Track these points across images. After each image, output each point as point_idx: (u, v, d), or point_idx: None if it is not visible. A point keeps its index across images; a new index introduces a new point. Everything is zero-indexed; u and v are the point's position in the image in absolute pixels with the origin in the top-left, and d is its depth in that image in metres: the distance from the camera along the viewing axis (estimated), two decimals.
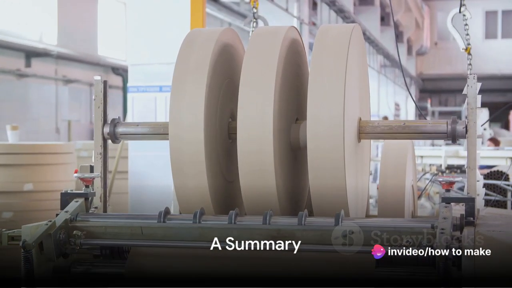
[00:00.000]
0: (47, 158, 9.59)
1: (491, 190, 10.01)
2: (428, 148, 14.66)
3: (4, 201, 9.22)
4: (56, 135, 17.73)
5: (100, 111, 3.93)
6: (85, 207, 3.73)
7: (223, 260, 3.45)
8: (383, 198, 4.25)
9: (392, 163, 4.32)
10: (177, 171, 3.73)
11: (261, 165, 3.59)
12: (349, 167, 3.62)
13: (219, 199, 3.83)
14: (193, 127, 3.67)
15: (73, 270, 3.62)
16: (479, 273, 3.09)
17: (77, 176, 3.80)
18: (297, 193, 4.01)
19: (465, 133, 3.59)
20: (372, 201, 10.91)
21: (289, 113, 3.83)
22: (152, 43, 9.68)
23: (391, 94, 31.59)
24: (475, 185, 3.52)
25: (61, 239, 3.48)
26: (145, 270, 3.49)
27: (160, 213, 3.53)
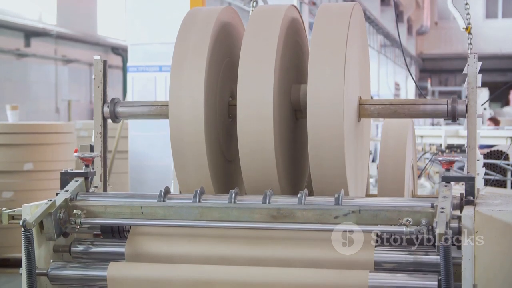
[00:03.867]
0: (47, 137, 9.61)
1: (491, 170, 10.03)
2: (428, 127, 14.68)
3: (4, 180, 9.24)
4: (56, 115, 17.74)
5: (100, 91, 3.92)
6: (85, 186, 3.73)
7: (223, 239, 3.45)
8: (383, 178, 4.25)
9: (392, 143, 4.32)
10: (177, 150, 3.73)
11: (261, 144, 3.59)
12: (349, 146, 3.62)
13: (219, 178, 3.83)
14: (193, 106, 3.66)
15: (73, 249, 3.63)
16: (479, 251, 3.10)
17: (77, 156, 3.80)
18: (297, 172, 4.01)
19: (465, 112, 3.59)
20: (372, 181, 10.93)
21: (288, 91, 3.82)
22: (151, 22, 9.67)
23: (391, 74, 31.58)
24: (475, 164, 3.52)
25: (61, 218, 3.49)
26: (145, 249, 3.50)
27: (160, 192, 3.53)
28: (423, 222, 3.15)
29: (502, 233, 3.12)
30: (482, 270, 3.09)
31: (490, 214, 3.14)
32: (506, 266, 3.11)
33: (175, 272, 3.34)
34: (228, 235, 3.45)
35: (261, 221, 3.37)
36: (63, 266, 3.53)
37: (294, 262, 3.33)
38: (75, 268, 3.53)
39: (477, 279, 3.08)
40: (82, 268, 3.53)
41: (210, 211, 3.42)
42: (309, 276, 3.22)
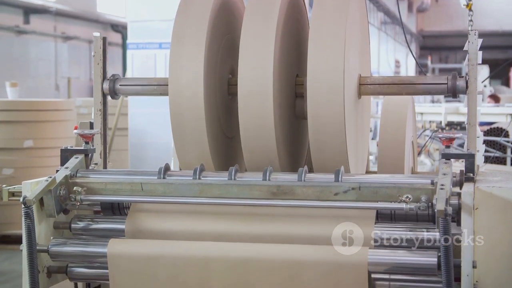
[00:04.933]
0: (47, 115, 9.60)
1: (490, 147, 10.03)
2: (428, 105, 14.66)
3: (4, 157, 9.25)
4: (56, 92, 17.74)
5: (99, 68, 3.92)
6: (85, 163, 3.74)
7: (222, 216, 3.46)
8: (383, 155, 4.25)
9: (392, 120, 4.32)
10: (177, 127, 3.73)
11: (261, 120, 3.58)
12: (349, 123, 3.61)
13: (219, 155, 3.83)
14: (193, 83, 3.66)
15: (74, 226, 3.64)
16: (479, 228, 3.10)
17: (77, 133, 3.80)
18: (297, 149, 4.01)
19: (466, 89, 3.59)
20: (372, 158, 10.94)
21: (289, 68, 3.82)
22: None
23: (391, 51, 31.52)
24: (475, 141, 3.52)
25: (61, 195, 3.49)
26: (145, 225, 3.50)
27: (160, 169, 3.54)
28: (423, 198, 3.15)
29: (502, 209, 3.12)
30: (482, 246, 3.10)
31: (490, 191, 3.14)
32: (506, 243, 3.12)
33: (175, 248, 3.35)
34: (228, 212, 3.46)
35: (261, 198, 3.38)
36: (64, 242, 3.54)
37: (294, 239, 3.34)
38: (76, 245, 3.54)
39: (477, 255, 3.09)
40: (82, 245, 3.54)
41: (210, 188, 3.42)
42: (309, 253, 3.23)
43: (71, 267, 3.60)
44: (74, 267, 3.60)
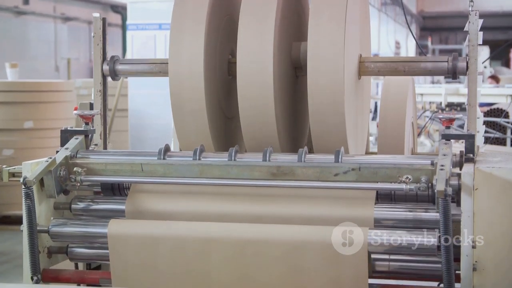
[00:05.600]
0: (47, 96, 9.59)
1: (490, 128, 10.03)
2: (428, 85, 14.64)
3: (4, 138, 9.24)
4: (56, 73, 17.71)
5: (99, 49, 3.91)
6: (85, 144, 3.74)
7: (222, 197, 3.46)
8: (383, 135, 4.24)
9: (392, 101, 4.31)
10: (177, 108, 3.73)
11: (261, 101, 3.58)
12: (349, 103, 3.61)
13: (219, 136, 3.83)
14: (193, 64, 3.65)
15: (74, 207, 3.64)
16: (478, 208, 3.11)
17: (77, 114, 3.80)
18: (297, 130, 4.01)
19: (466, 69, 3.58)
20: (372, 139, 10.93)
21: (289, 48, 3.81)
22: None
23: (391, 32, 31.45)
24: (475, 122, 3.52)
25: (62, 176, 3.49)
26: (145, 206, 3.51)
27: (160, 150, 3.54)
28: (423, 179, 3.15)
29: (502, 190, 3.12)
30: (481, 227, 3.11)
31: (490, 171, 3.14)
32: (505, 223, 3.12)
33: (175, 229, 3.35)
34: (228, 192, 3.46)
35: (261, 179, 3.38)
36: (64, 223, 3.54)
37: (294, 219, 3.35)
38: (76, 225, 3.54)
39: (476, 235, 3.10)
40: (82, 225, 3.54)
41: (210, 168, 3.43)
42: (308, 233, 3.23)
43: (72, 247, 3.61)
44: (74, 248, 3.61)
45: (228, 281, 3.29)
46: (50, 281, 3.53)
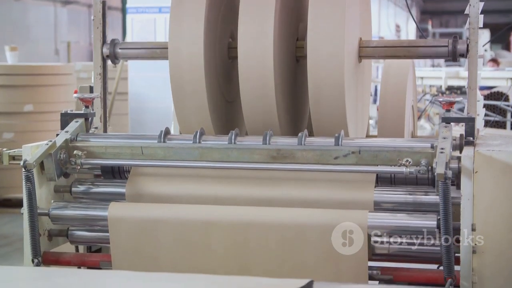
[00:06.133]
0: (47, 79, 9.59)
1: (491, 111, 10.04)
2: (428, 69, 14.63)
3: (4, 122, 9.25)
4: (55, 56, 17.69)
5: (99, 32, 3.91)
6: (85, 127, 3.73)
7: (223, 180, 3.47)
8: (383, 119, 4.24)
9: (392, 84, 4.31)
10: (177, 91, 3.73)
11: (261, 84, 3.58)
12: (349, 87, 3.61)
13: (219, 119, 3.83)
14: (193, 47, 3.65)
15: (74, 190, 3.65)
16: (478, 191, 3.11)
17: (77, 97, 3.80)
18: (298, 113, 4.01)
19: (466, 52, 3.58)
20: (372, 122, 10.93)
21: (289, 32, 3.80)
22: None
23: (391, 16, 31.39)
24: (475, 105, 3.52)
25: (62, 159, 3.50)
26: (146, 189, 3.51)
27: (160, 133, 3.54)
28: (422, 162, 3.15)
29: (502, 173, 3.13)
30: (481, 209, 3.11)
31: (490, 155, 3.14)
32: (505, 206, 3.13)
33: (175, 212, 3.36)
34: (228, 175, 3.47)
35: (261, 162, 3.38)
36: (64, 206, 3.55)
37: (294, 202, 3.35)
38: (76, 208, 3.55)
39: (476, 218, 3.10)
40: (83, 208, 3.55)
41: (210, 151, 3.43)
42: (308, 216, 3.24)
43: (72, 230, 3.61)
44: (75, 230, 3.61)
45: (228, 263, 3.30)
46: (50, 263, 3.54)
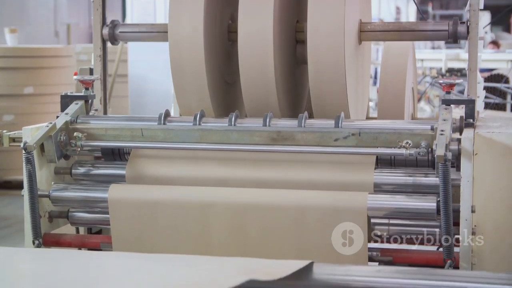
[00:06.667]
0: (47, 61, 9.58)
1: (491, 93, 10.03)
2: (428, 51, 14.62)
3: (4, 104, 9.25)
4: (55, 38, 17.64)
5: (98, 13, 3.90)
6: (85, 109, 3.73)
7: (222, 162, 3.47)
8: (383, 101, 4.24)
9: (392, 66, 4.30)
10: (177, 74, 3.72)
11: (261, 66, 3.58)
12: (349, 69, 3.61)
13: (219, 101, 3.83)
14: (193, 29, 3.64)
15: (74, 172, 3.65)
16: (478, 173, 3.12)
17: (77, 79, 3.79)
18: (298, 95, 4.01)
19: (467, 34, 3.57)
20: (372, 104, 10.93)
21: (289, 14, 3.80)
22: None
23: None
24: (475, 87, 3.51)
25: (62, 141, 3.50)
26: (146, 171, 3.52)
27: (160, 115, 3.54)
28: (422, 144, 3.16)
29: (501, 155, 3.13)
30: (481, 191, 3.12)
31: (490, 136, 3.15)
32: (505, 188, 3.13)
33: (175, 194, 3.37)
34: (228, 157, 3.47)
35: (261, 144, 3.39)
36: (65, 188, 3.56)
37: (294, 184, 3.36)
38: (77, 190, 3.56)
39: (476, 200, 3.11)
40: (83, 190, 3.56)
41: (210, 133, 3.43)
42: (308, 198, 3.25)
43: (72, 212, 3.62)
44: (75, 212, 3.62)
45: (228, 244, 3.31)
46: (51, 245, 3.55)
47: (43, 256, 2.61)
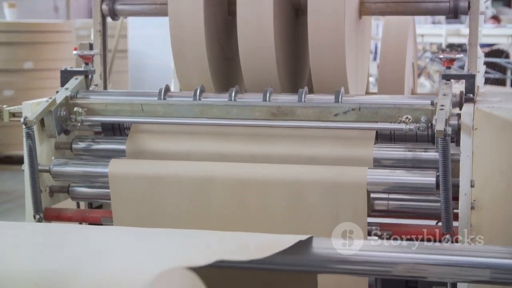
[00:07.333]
0: (47, 36, 9.57)
1: (491, 68, 10.02)
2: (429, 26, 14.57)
3: (4, 79, 9.24)
4: (54, 13, 17.58)
5: None
6: (85, 84, 3.73)
7: (223, 137, 3.47)
8: (383, 76, 4.24)
9: (392, 41, 4.30)
10: (177, 48, 3.72)
11: (261, 41, 3.57)
12: (349, 43, 3.60)
13: (219, 76, 3.83)
14: (193, 3, 3.63)
15: (75, 147, 3.66)
16: (477, 148, 3.12)
17: (77, 54, 3.79)
18: (298, 70, 4.00)
19: (468, 8, 3.56)
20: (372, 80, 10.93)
21: None
22: None
23: None
24: (475, 62, 3.50)
25: (62, 116, 3.50)
26: (146, 146, 3.52)
27: (160, 90, 3.54)
28: (422, 119, 3.16)
29: (501, 130, 3.13)
30: (480, 166, 3.12)
31: (490, 111, 3.15)
32: (504, 162, 3.14)
33: (175, 168, 3.37)
34: (228, 132, 3.47)
35: (261, 119, 3.39)
36: (65, 162, 3.56)
37: (294, 159, 3.36)
38: (77, 165, 3.56)
39: (475, 175, 3.12)
40: (83, 165, 3.56)
41: (210, 108, 3.43)
42: (308, 173, 3.25)
43: (73, 186, 3.63)
44: (76, 187, 3.63)
45: (228, 219, 3.31)
46: (52, 219, 3.57)
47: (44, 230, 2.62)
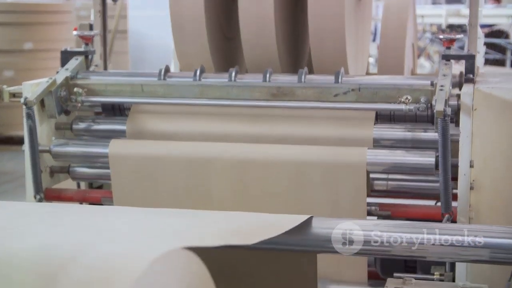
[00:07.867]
0: (47, 17, 9.54)
1: (491, 49, 10.01)
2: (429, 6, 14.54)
3: (4, 59, 9.23)
4: None
5: None
6: (85, 65, 3.73)
7: (223, 117, 3.48)
8: (383, 56, 4.24)
9: (392, 21, 4.29)
10: (177, 29, 3.72)
11: (261, 21, 3.56)
12: (349, 24, 3.60)
13: (219, 56, 3.83)
14: None
15: (75, 127, 3.66)
16: (477, 128, 3.12)
17: (77, 34, 3.79)
18: (298, 51, 4.00)
19: None
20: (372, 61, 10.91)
21: None
22: None
23: None
24: (475, 42, 3.50)
25: (62, 96, 3.51)
26: (146, 126, 3.52)
27: (160, 70, 3.54)
28: (422, 99, 3.16)
29: (501, 110, 3.13)
30: (479, 146, 3.13)
31: (489, 92, 3.15)
32: (504, 143, 3.14)
33: (175, 149, 3.38)
34: (228, 113, 3.48)
35: (261, 99, 3.39)
36: (65, 143, 3.57)
37: (294, 140, 3.37)
38: (77, 145, 3.57)
39: (474, 155, 3.12)
40: (84, 145, 3.57)
41: (210, 89, 3.43)
42: (308, 153, 3.26)
43: (73, 167, 3.64)
44: (76, 167, 3.64)
45: (228, 199, 3.32)
46: (52, 199, 3.58)
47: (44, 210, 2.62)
